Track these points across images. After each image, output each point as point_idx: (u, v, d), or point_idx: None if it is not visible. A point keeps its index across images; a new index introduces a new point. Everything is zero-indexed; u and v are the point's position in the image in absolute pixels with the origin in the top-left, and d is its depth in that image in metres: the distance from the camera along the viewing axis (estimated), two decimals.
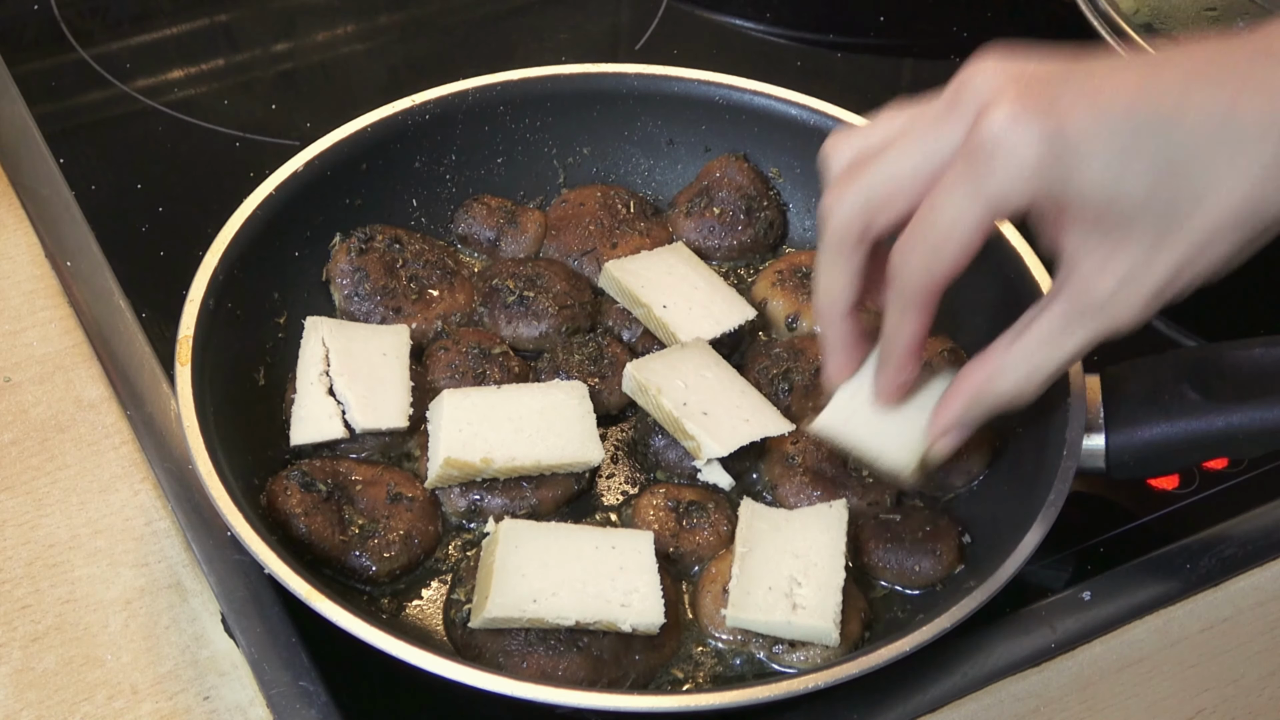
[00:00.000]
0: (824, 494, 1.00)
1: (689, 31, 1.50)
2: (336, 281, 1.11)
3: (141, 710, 0.90)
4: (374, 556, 0.95)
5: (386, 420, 1.01)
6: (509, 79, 1.19)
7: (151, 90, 1.39)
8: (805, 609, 0.90)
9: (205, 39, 1.48)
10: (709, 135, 1.22)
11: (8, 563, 0.97)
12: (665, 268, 1.12)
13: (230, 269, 1.03)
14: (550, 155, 1.23)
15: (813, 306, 0.93)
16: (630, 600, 0.90)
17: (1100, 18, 1.27)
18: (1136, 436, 0.96)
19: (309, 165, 1.11)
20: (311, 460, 1.00)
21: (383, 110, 1.15)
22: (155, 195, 1.26)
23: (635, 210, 1.20)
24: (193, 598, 0.96)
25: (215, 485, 0.89)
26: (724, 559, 0.96)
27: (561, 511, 1.01)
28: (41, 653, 0.92)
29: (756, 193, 1.19)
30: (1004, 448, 1.04)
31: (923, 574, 0.97)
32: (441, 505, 1.00)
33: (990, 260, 1.09)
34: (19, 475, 1.03)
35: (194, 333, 0.98)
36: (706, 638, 0.94)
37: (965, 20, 1.54)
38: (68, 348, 1.11)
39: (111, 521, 1.00)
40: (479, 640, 0.91)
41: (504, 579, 0.90)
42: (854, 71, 1.48)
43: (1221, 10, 1.28)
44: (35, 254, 1.19)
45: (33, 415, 1.07)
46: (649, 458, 1.04)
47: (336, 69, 1.48)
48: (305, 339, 1.05)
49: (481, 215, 1.17)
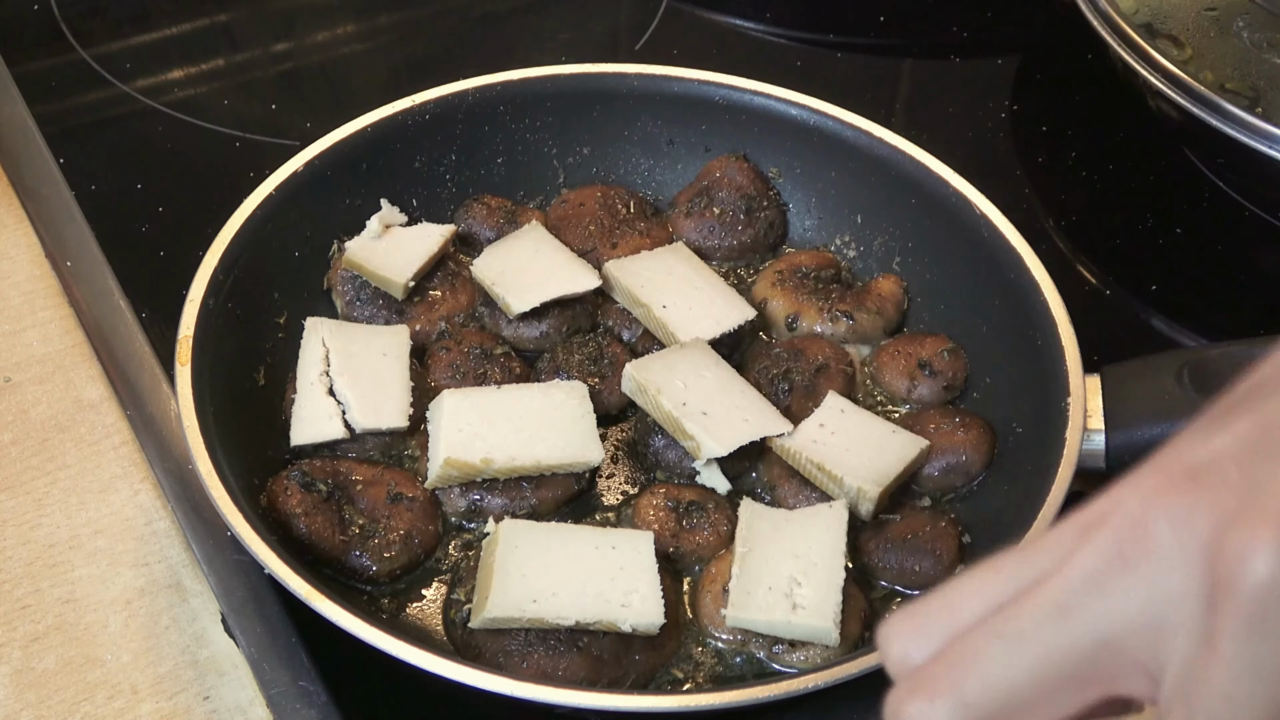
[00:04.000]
0: (822, 494, 1.00)
1: (689, 31, 1.50)
2: (338, 289, 1.11)
3: (141, 710, 0.90)
4: (374, 556, 0.95)
5: (386, 420, 1.01)
6: (509, 79, 1.19)
7: (151, 90, 1.39)
8: (805, 609, 0.90)
9: (205, 39, 1.48)
10: (709, 135, 1.22)
11: (8, 563, 0.97)
12: (665, 268, 1.12)
13: (230, 269, 1.03)
14: (550, 155, 1.22)
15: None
16: (630, 600, 0.90)
17: (1100, 18, 1.27)
18: (1136, 436, 0.96)
19: (309, 165, 1.11)
20: (312, 460, 1.00)
21: (383, 110, 1.15)
22: (155, 195, 1.26)
23: (635, 210, 1.20)
24: (193, 598, 0.96)
25: (215, 485, 0.89)
26: (724, 559, 0.96)
27: (561, 511, 1.01)
28: (41, 653, 0.92)
29: (756, 193, 1.19)
30: (1004, 448, 1.04)
31: (923, 574, 0.97)
32: (441, 505, 1.00)
33: (990, 260, 1.09)
34: (19, 475, 1.03)
35: (194, 333, 0.98)
36: (706, 638, 0.94)
37: (965, 20, 1.54)
38: (68, 348, 1.11)
39: (111, 521, 1.00)
40: (479, 640, 0.91)
41: (504, 579, 0.90)
42: (854, 71, 1.48)
43: (1221, 10, 1.28)
44: (35, 254, 1.19)
45: (33, 415, 1.07)
46: (649, 458, 1.04)
47: (336, 69, 1.48)
48: (305, 339, 1.05)
49: (481, 215, 1.17)
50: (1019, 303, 1.06)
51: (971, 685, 0.51)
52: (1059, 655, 0.50)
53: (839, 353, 1.10)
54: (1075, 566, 0.51)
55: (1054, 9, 1.50)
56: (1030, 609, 0.51)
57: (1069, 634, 0.50)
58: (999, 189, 1.14)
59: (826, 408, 1.03)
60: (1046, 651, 0.50)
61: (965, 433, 1.03)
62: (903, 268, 1.17)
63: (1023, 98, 1.46)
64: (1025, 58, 1.51)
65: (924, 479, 1.03)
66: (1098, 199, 1.34)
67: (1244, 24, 1.26)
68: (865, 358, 1.12)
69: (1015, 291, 1.06)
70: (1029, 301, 1.05)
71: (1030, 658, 0.51)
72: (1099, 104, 1.43)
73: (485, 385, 1.04)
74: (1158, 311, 1.24)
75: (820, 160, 1.19)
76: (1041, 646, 0.51)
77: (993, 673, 0.51)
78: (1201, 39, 1.25)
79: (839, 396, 1.05)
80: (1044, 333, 1.02)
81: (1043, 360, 1.01)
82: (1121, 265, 1.28)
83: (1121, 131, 1.40)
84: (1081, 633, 0.50)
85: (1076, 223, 1.32)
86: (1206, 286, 1.28)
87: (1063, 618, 0.50)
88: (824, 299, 1.13)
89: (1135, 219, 1.32)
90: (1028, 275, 1.06)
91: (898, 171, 1.15)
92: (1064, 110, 1.44)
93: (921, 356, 1.09)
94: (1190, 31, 1.26)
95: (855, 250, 1.20)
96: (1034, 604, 0.51)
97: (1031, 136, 1.42)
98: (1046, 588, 0.51)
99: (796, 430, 1.01)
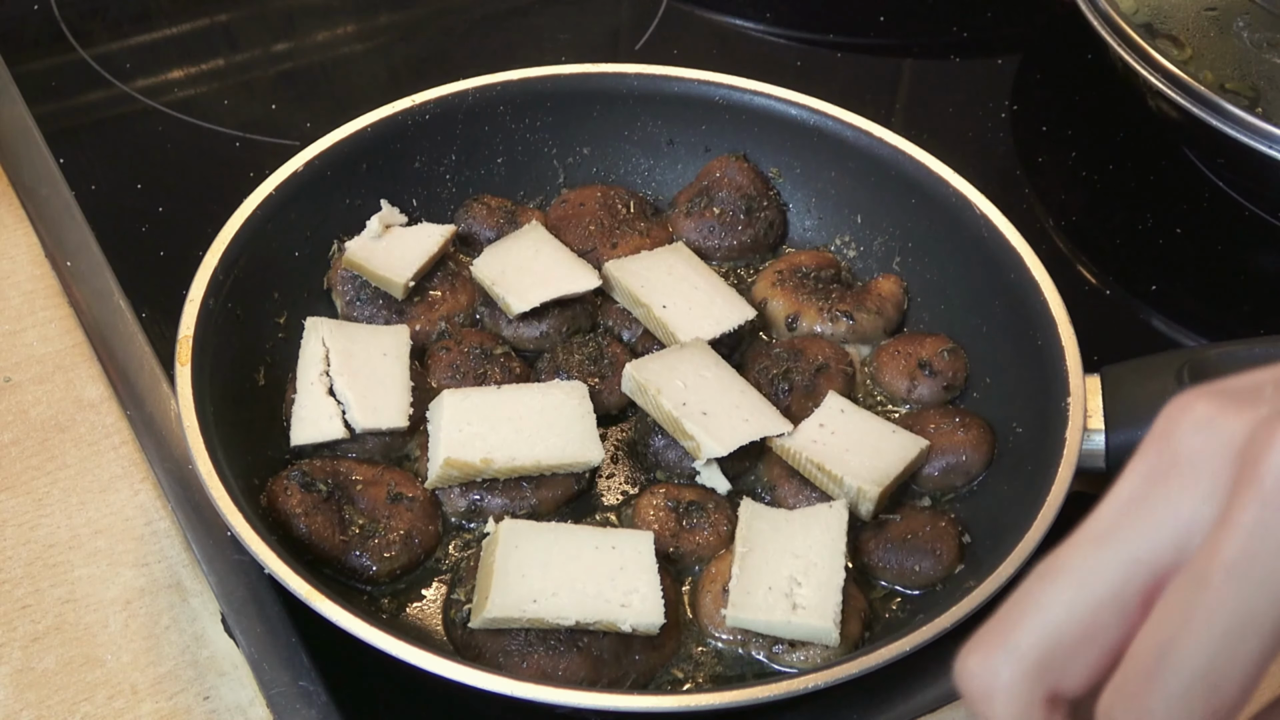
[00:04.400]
0: (822, 495, 1.00)
1: (689, 31, 1.50)
2: (338, 289, 1.11)
3: (141, 710, 0.90)
4: (374, 556, 0.95)
5: (386, 420, 1.01)
6: (509, 79, 1.19)
7: (151, 90, 1.39)
8: (805, 609, 0.90)
9: (205, 39, 1.48)
10: (709, 135, 1.22)
11: (8, 563, 0.97)
12: (665, 268, 1.12)
13: (230, 269, 1.03)
14: (550, 155, 1.22)
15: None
16: (630, 600, 0.90)
17: (1100, 18, 1.27)
18: (1136, 436, 0.96)
19: (309, 165, 1.11)
20: (312, 460, 1.00)
21: (383, 110, 1.15)
22: (155, 195, 1.26)
23: (635, 210, 1.20)
24: (193, 598, 0.96)
25: (215, 485, 0.89)
26: (724, 559, 0.96)
27: (561, 511, 1.01)
28: (41, 653, 0.92)
29: (756, 193, 1.19)
30: (1004, 448, 1.04)
31: (923, 574, 0.97)
32: (442, 505, 1.00)
33: (990, 260, 1.09)
34: (19, 475, 1.03)
35: (194, 333, 0.98)
36: (706, 638, 0.94)
37: (965, 20, 1.55)
38: (68, 348, 1.11)
39: (111, 521, 1.00)
40: (479, 640, 0.91)
41: (504, 579, 0.90)
42: (854, 71, 1.48)
43: (1221, 10, 1.28)
44: (35, 254, 1.19)
45: (33, 415, 1.07)
46: (649, 458, 1.04)
47: (336, 69, 1.48)
48: (305, 339, 1.05)
49: (481, 215, 1.17)
50: (1019, 303, 1.06)
51: (1023, 631, 0.50)
52: (1097, 585, 0.49)
53: (839, 353, 1.10)
54: (1111, 495, 0.50)
55: (1054, 9, 1.50)
56: (1070, 546, 0.51)
57: (1105, 562, 0.49)
58: (999, 189, 1.14)
59: (826, 408, 1.03)
60: (1085, 584, 0.50)
61: (965, 433, 1.03)
62: (903, 268, 1.17)
63: (1023, 98, 1.46)
64: (1025, 58, 1.51)
65: (924, 479, 1.03)
66: (1098, 199, 1.35)
67: (1244, 24, 1.26)
68: (865, 358, 1.12)
69: (1015, 291, 1.06)
70: (1029, 301, 1.05)
71: (1071, 592, 0.50)
72: (1099, 104, 1.43)
73: (485, 385, 1.04)
74: (1158, 311, 1.24)
75: (820, 160, 1.19)
76: (1080, 580, 0.50)
77: (1041, 615, 0.50)
78: (1201, 39, 1.25)
79: (839, 396, 1.05)
80: (1044, 333, 1.02)
81: (1043, 360, 1.01)
82: (1121, 265, 1.28)
83: (1121, 131, 1.40)
84: (1116, 559, 0.49)
85: (1076, 223, 1.32)
86: (1206, 286, 1.28)
87: (1097, 547, 0.50)
88: (824, 299, 1.13)
89: (1135, 219, 1.32)
90: (1028, 275, 1.06)
91: (898, 171, 1.15)
92: (1064, 110, 1.44)
93: (921, 356, 1.09)
94: (1190, 31, 1.26)
95: (855, 250, 1.20)
96: (1074, 540, 0.51)
97: (1031, 136, 1.42)
98: (1086, 522, 0.51)
99: (796, 430, 1.01)
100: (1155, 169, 1.36)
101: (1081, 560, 0.50)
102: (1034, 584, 0.51)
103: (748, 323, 1.10)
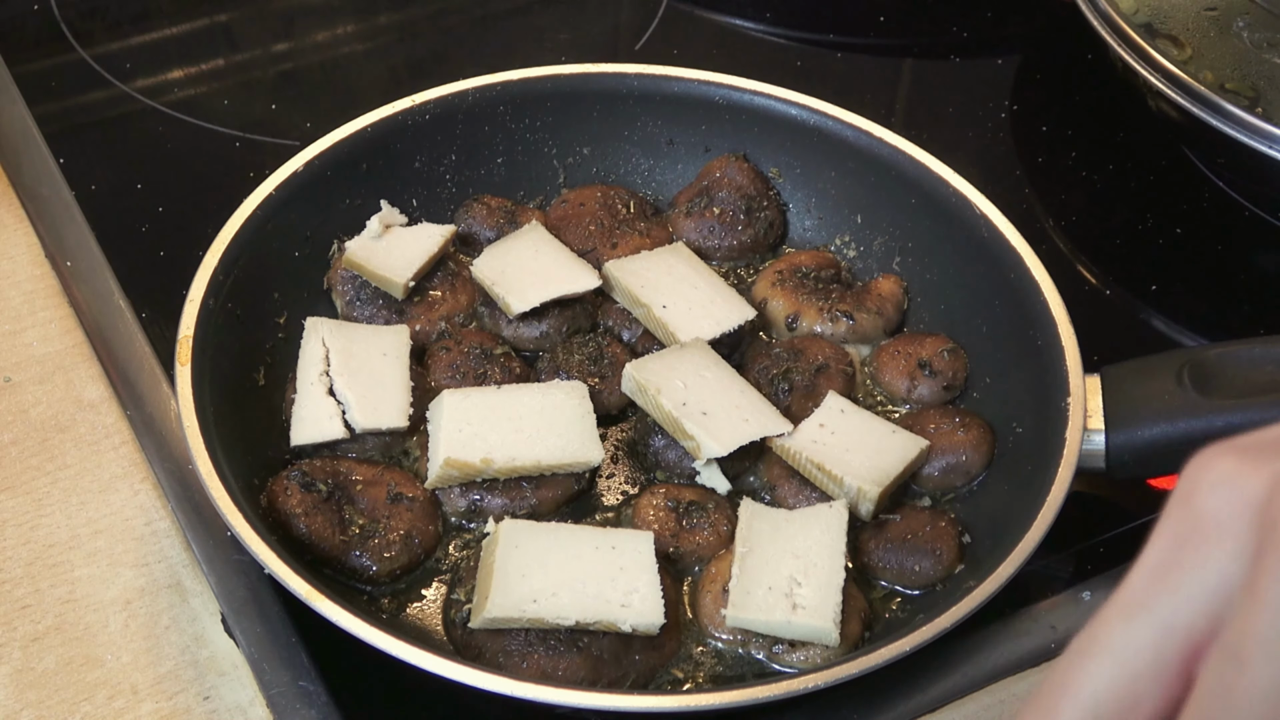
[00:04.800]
0: (822, 495, 1.00)
1: (689, 31, 1.50)
2: (338, 289, 1.11)
3: (141, 710, 0.90)
4: (374, 556, 0.95)
5: (386, 420, 1.01)
6: (509, 79, 1.19)
7: (151, 90, 1.39)
8: (805, 609, 0.90)
9: (205, 39, 1.48)
10: (709, 135, 1.22)
11: (8, 563, 0.97)
12: (665, 268, 1.12)
13: (230, 269, 1.03)
14: (550, 155, 1.22)
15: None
16: (630, 600, 0.90)
17: (1100, 18, 1.27)
18: (1136, 436, 0.96)
19: (309, 165, 1.11)
20: (311, 460, 1.00)
21: (383, 110, 1.15)
22: (155, 195, 1.26)
23: (635, 210, 1.20)
24: (193, 598, 0.96)
25: (215, 485, 0.89)
26: (724, 559, 0.96)
27: (561, 511, 1.01)
28: (41, 653, 0.92)
29: (756, 193, 1.19)
30: (1004, 448, 1.04)
31: (923, 574, 0.97)
32: (441, 505, 1.00)
33: (990, 260, 1.09)
34: (19, 475, 1.03)
35: (194, 333, 0.98)
36: (706, 638, 0.94)
37: (965, 20, 1.55)
38: (68, 348, 1.11)
39: (111, 521, 1.00)
40: (479, 640, 0.91)
41: (504, 579, 0.90)
42: (854, 71, 1.48)
43: (1221, 10, 1.28)
44: (35, 254, 1.19)
45: (33, 415, 1.07)
46: (649, 458, 1.04)
47: (336, 69, 1.48)
48: (305, 339, 1.05)
49: (481, 215, 1.17)
50: (1019, 303, 1.06)
51: (1064, 711, 0.50)
52: (1134, 657, 0.49)
53: (839, 353, 1.10)
54: (1139, 562, 0.50)
55: (1054, 9, 1.50)
56: (1103, 618, 0.50)
57: (1139, 634, 0.49)
58: (999, 189, 1.14)
59: (826, 408, 1.03)
60: (1122, 657, 0.49)
61: (965, 433, 1.03)
62: (903, 268, 1.17)
63: (1023, 98, 1.46)
64: (1025, 58, 1.51)
65: (924, 479, 1.03)
66: (1098, 199, 1.34)
67: (1244, 24, 1.26)
68: (865, 358, 1.12)
69: (1015, 291, 1.06)
70: (1029, 301, 1.05)
71: (1108, 667, 0.50)
72: (1099, 104, 1.43)
73: (485, 385, 1.04)
74: (1158, 311, 1.24)
75: (820, 160, 1.19)
76: (1116, 654, 0.50)
77: (1081, 692, 0.50)
78: (1201, 39, 1.25)
79: (839, 396, 1.05)
80: (1044, 333, 1.02)
81: (1043, 360, 1.01)
82: (1121, 265, 1.28)
83: (1121, 131, 1.40)
84: (1149, 629, 0.49)
85: (1076, 223, 1.32)
86: (1206, 286, 1.28)
87: (1130, 618, 0.49)
88: (824, 299, 1.13)
89: (1135, 219, 1.32)
90: (1028, 275, 1.06)
91: (898, 171, 1.15)
92: (1064, 110, 1.44)
93: (921, 356, 1.09)
94: (1190, 31, 1.26)
95: (855, 250, 1.20)
96: (1106, 612, 0.50)
97: (1031, 136, 1.42)
98: (1117, 592, 0.50)
99: (796, 430, 1.01)
100: (1155, 169, 1.36)
101: (1116, 633, 0.50)
102: (1071, 660, 0.51)
103: (748, 323, 1.10)
